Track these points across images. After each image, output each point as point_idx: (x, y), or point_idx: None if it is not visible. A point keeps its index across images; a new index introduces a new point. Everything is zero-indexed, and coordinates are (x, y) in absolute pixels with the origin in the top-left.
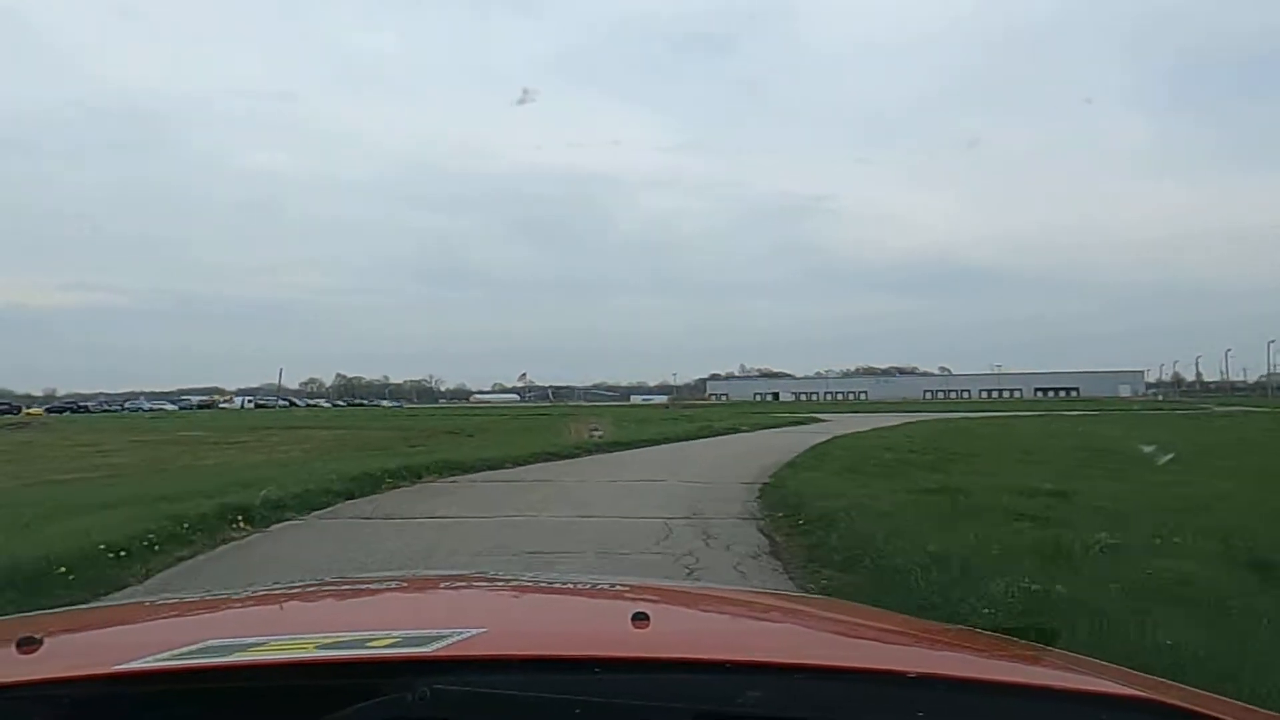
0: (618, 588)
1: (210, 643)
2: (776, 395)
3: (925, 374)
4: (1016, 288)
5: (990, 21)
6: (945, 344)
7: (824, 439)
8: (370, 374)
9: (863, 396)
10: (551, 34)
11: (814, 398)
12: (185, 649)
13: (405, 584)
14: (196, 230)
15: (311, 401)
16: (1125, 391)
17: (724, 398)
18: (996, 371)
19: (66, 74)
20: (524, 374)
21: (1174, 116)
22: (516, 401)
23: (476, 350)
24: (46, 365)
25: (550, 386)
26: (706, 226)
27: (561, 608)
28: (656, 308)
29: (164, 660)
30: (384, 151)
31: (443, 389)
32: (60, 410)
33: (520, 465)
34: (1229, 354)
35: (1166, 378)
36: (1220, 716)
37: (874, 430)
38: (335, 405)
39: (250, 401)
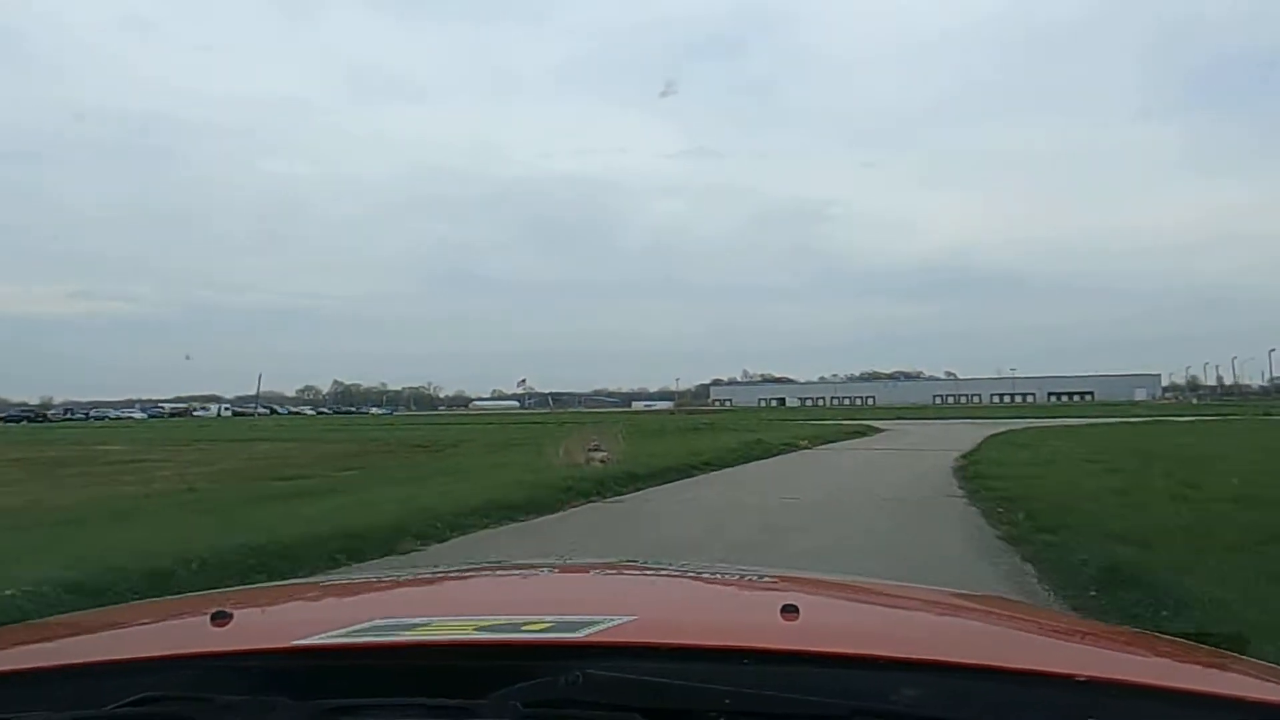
0: (766, 579)
1: (378, 621)
2: (783, 401)
3: (932, 378)
4: (1022, 293)
5: (1003, 24)
6: (950, 349)
7: (944, 458)
8: (368, 380)
9: (870, 401)
10: (559, 40)
11: (819, 403)
12: (356, 627)
13: (557, 570)
14: (203, 238)
15: (296, 409)
16: (1141, 395)
17: (728, 403)
18: (1009, 375)
19: (72, 82)
20: (523, 380)
21: (1183, 122)
22: (516, 408)
23: (477, 357)
24: (48, 373)
25: (550, 393)
26: (712, 232)
27: (711, 597)
28: (660, 313)
29: (338, 637)
30: (391, 158)
31: (441, 396)
32: (16, 419)
33: (448, 537)
34: (1235, 361)
35: (1181, 381)
36: None
37: (985, 443)
38: (320, 413)
39: (228, 409)
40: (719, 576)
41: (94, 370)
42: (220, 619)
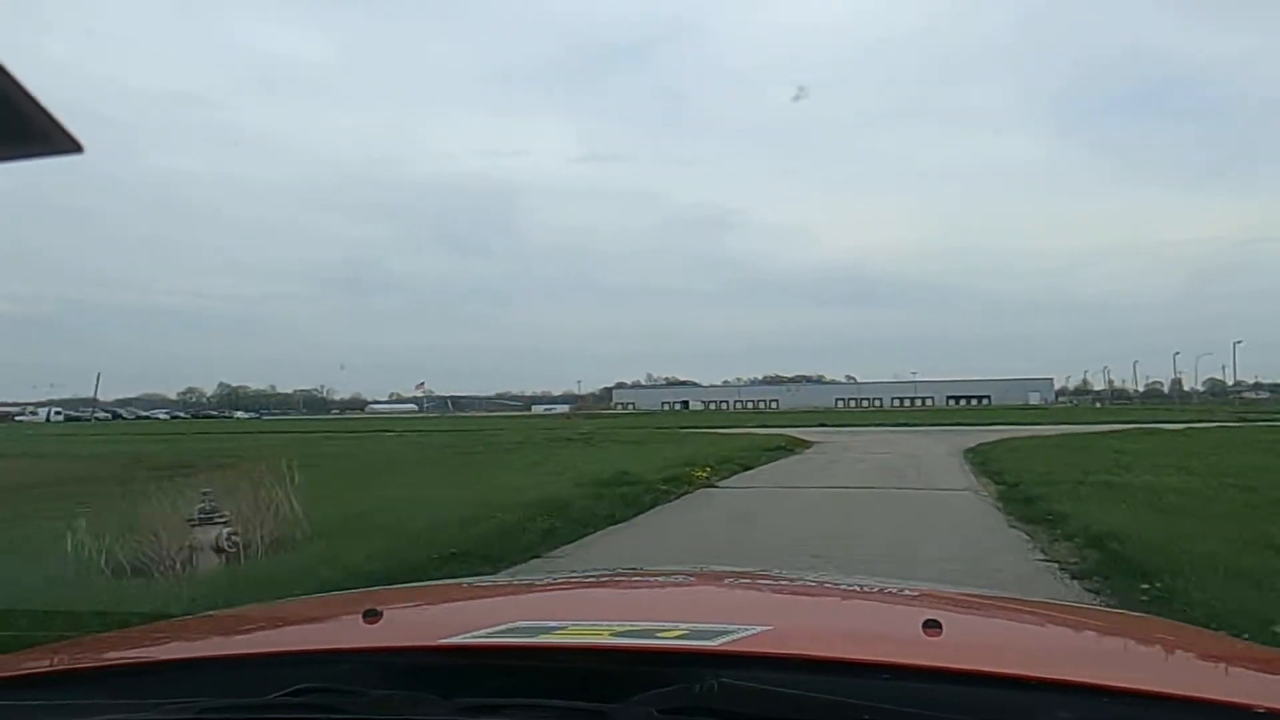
0: (907, 592)
1: (519, 624)
2: (686, 404)
3: (834, 382)
4: (921, 299)
5: (903, 46)
6: (851, 353)
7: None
8: (257, 383)
9: (774, 405)
10: (462, 40)
11: (724, 406)
12: (498, 628)
13: (693, 578)
14: (90, 234)
15: (147, 413)
16: (1035, 399)
17: (630, 406)
18: (909, 379)
19: None
20: (422, 383)
21: (1069, 138)
22: (415, 412)
23: (375, 359)
24: None
25: (450, 396)
26: (619, 236)
27: (849, 610)
28: (565, 316)
29: (480, 637)
30: (287, 156)
31: (336, 399)
32: None
33: None
34: (1136, 365)
35: (1072, 385)
36: None
37: (1013, 473)
38: (175, 417)
39: (59, 414)
40: (857, 589)
41: None
42: (371, 616)
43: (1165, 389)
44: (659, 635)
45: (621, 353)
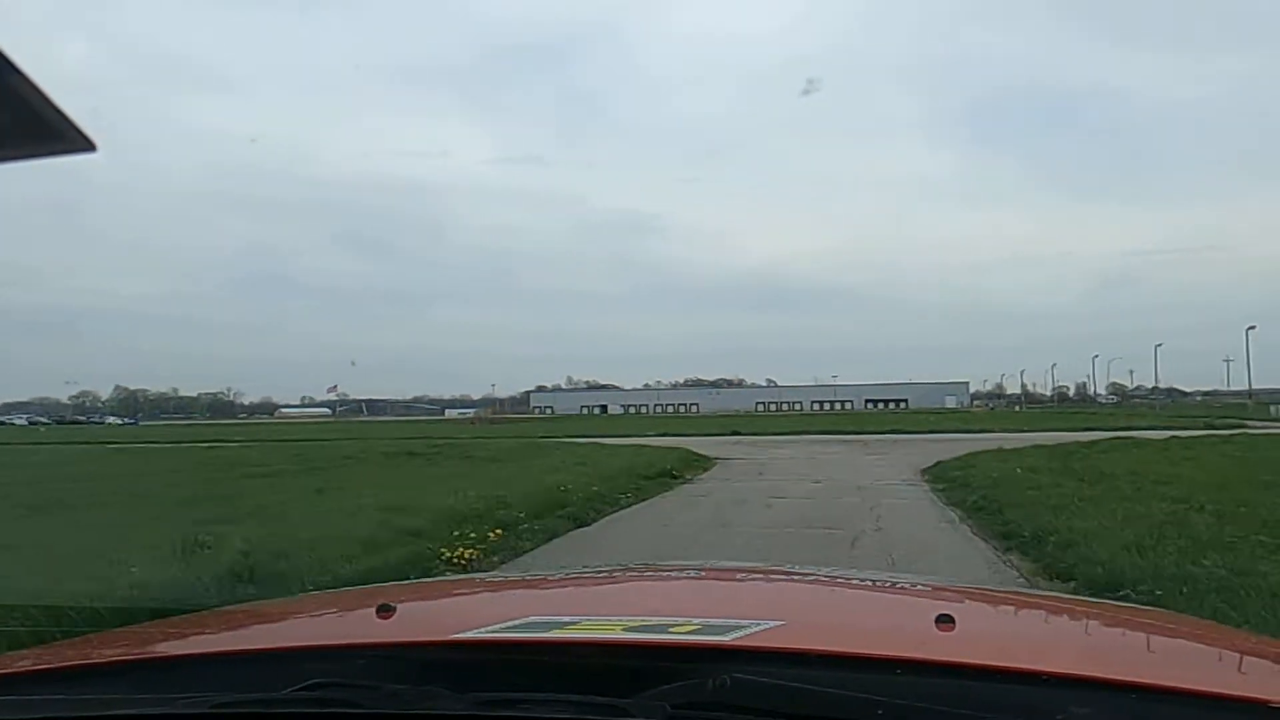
0: (919, 587)
1: (532, 619)
2: (604, 408)
3: (754, 386)
4: (841, 304)
5: (819, 58)
6: (771, 358)
7: None
8: (157, 385)
9: (694, 409)
10: (378, 39)
11: (643, 410)
12: (512, 623)
13: (705, 573)
14: None
15: (5, 418)
16: (951, 402)
17: (549, 410)
18: (829, 383)
19: None
20: (334, 386)
21: (977, 151)
22: (328, 416)
23: (287, 362)
24: None
25: (364, 400)
26: (539, 239)
27: (861, 605)
28: (483, 320)
29: (493, 632)
30: (194, 152)
31: (245, 402)
32: None
33: None
34: (1054, 368)
35: (988, 389)
36: None
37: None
38: (34, 424)
39: None
40: (870, 583)
41: None
42: (385, 611)
43: (1071, 393)
44: (672, 630)
45: (542, 356)
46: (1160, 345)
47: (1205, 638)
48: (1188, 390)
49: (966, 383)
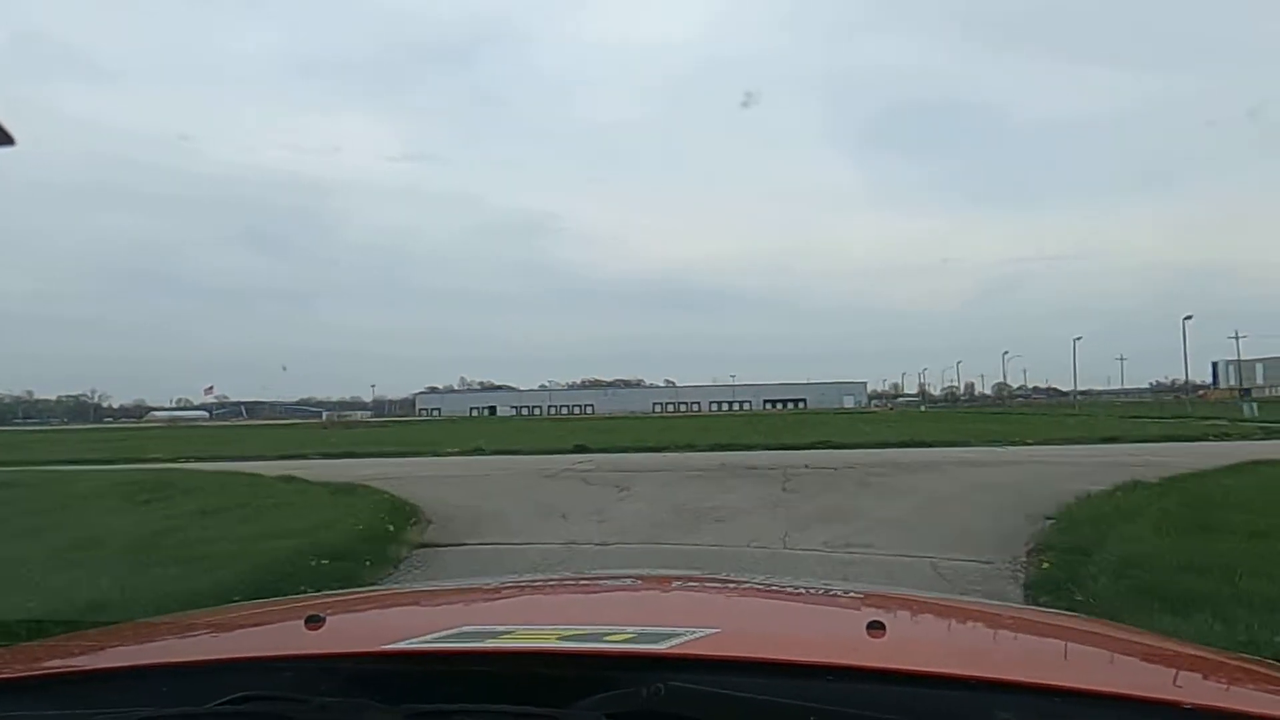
0: (852, 595)
1: (465, 629)
2: (494, 410)
3: (652, 386)
4: (736, 308)
5: (722, 63)
6: (670, 359)
7: None
8: (11, 389)
9: (589, 410)
10: (269, 31)
11: (537, 411)
12: (444, 633)
13: (640, 581)
14: None
15: None
16: (849, 402)
17: (436, 412)
18: (728, 383)
19: None
20: (211, 387)
21: (870, 161)
22: (205, 419)
23: (160, 363)
24: None
25: (243, 402)
26: (435, 238)
27: (795, 612)
28: (377, 321)
29: (426, 643)
30: (65, 143)
31: (112, 405)
32: None
33: None
34: (959, 365)
35: (884, 389)
36: None
37: None
38: None
39: None
40: (804, 591)
41: None
42: (314, 623)
43: (960, 393)
44: (607, 639)
45: (438, 357)
46: (1079, 339)
47: (1129, 643)
48: (1064, 390)
49: (864, 383)
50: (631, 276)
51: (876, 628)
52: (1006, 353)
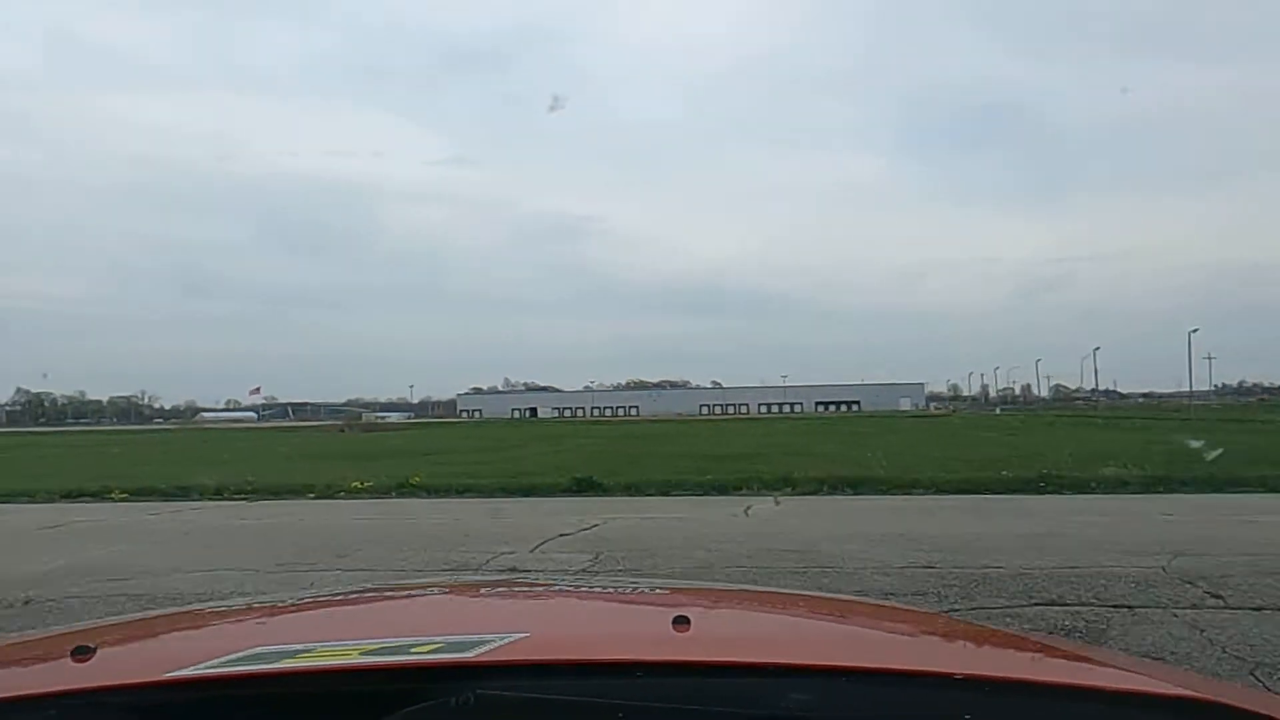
0: (658, 591)
1: (259, 649)
2: (534, 411)
3: (698, 388)
4: (783, 308)
5: (759, 65)
6: (716, 361)
7: None
8: (65, 389)
9: (634, 412)
10: (311, 37)
11: (580, 413)
12: (235, 655)
13: (446, 590)
14: None
15: None
16: (906, 404)
17: (477, 414)
18: (779, 384)
19: None
20: (257, 389)
21: (911, 161)
22: (253, 420)
23: (210, 365)
24: None
25: (289, 404)
26: (474, 242)
27: (602, 612)
28: (418, 323)
29: (215, 667)
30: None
31: (163, 407)
32: None
33: None
34: (998, 370)
35: (940, 390)
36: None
37: None
38: None
39: None
40: (611, 591)
41: None
42: (82, 654)
43: (1017, 393)
44: (412, 651)
45: (481, 358)
46: (1098, 349)
47: (911, 623)
48: (1125, 392)
49: (922, 384)
50: (675, 277)
51: (682, 622)
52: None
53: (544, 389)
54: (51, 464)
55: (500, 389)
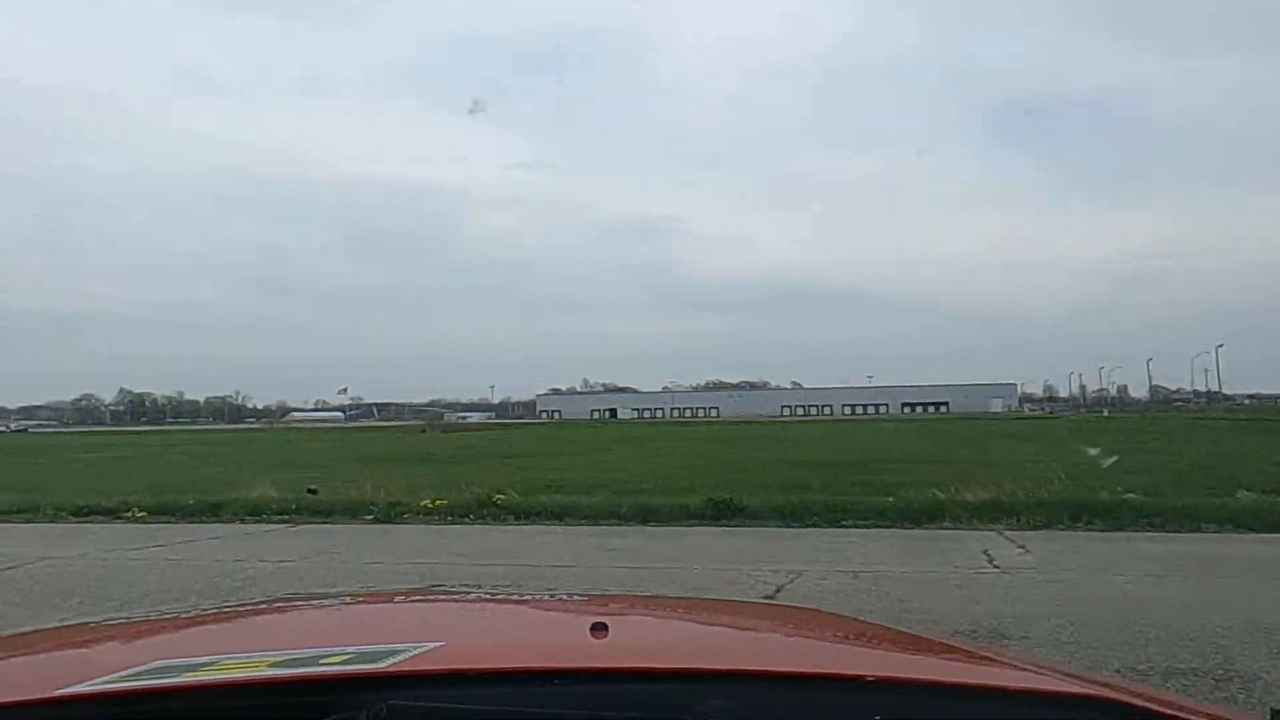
0: (576, 598)
1: (158, 664)
2: (614, 412)
3: (779, 388)
4: (865, 307)
5: (840, 59)
6: (796, 360)
7: None
8: (164, 389)
9: (714, 413)
10: (385, 44)
11: (659, 414)
12: (132, 670)
13: (360, 600)
14: None
15: None
16: (998, 406)
17: (556, 414)
18: (862, 385)
19: None
20: (345, 389)
21: (998, 155)
22: (340, 420)
23: (300, 366)
24: None
25: (374, 404)
26: (552, 243)
27: (520, 620)
28: (498, 324)
29: (110, 683)
30: (201, 157)
31: (256, 406)
32: None
33: None
34: (1102, 371)
35: (1032, 391)
36: (1173, 713)
37: None
38: None
39: None
40: (529, 598)
41: None
42: None
43: (1113, 394)
44: (322, 662)
45: (559, 358)
46: (1221, 346)
47: (827, 628)
48: (1230, 393)
49: (1015, 384)
50: (753, 276)
51: (600, 628)
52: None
53: (622, 390)
54: (101, 469)
55: (578, 389)
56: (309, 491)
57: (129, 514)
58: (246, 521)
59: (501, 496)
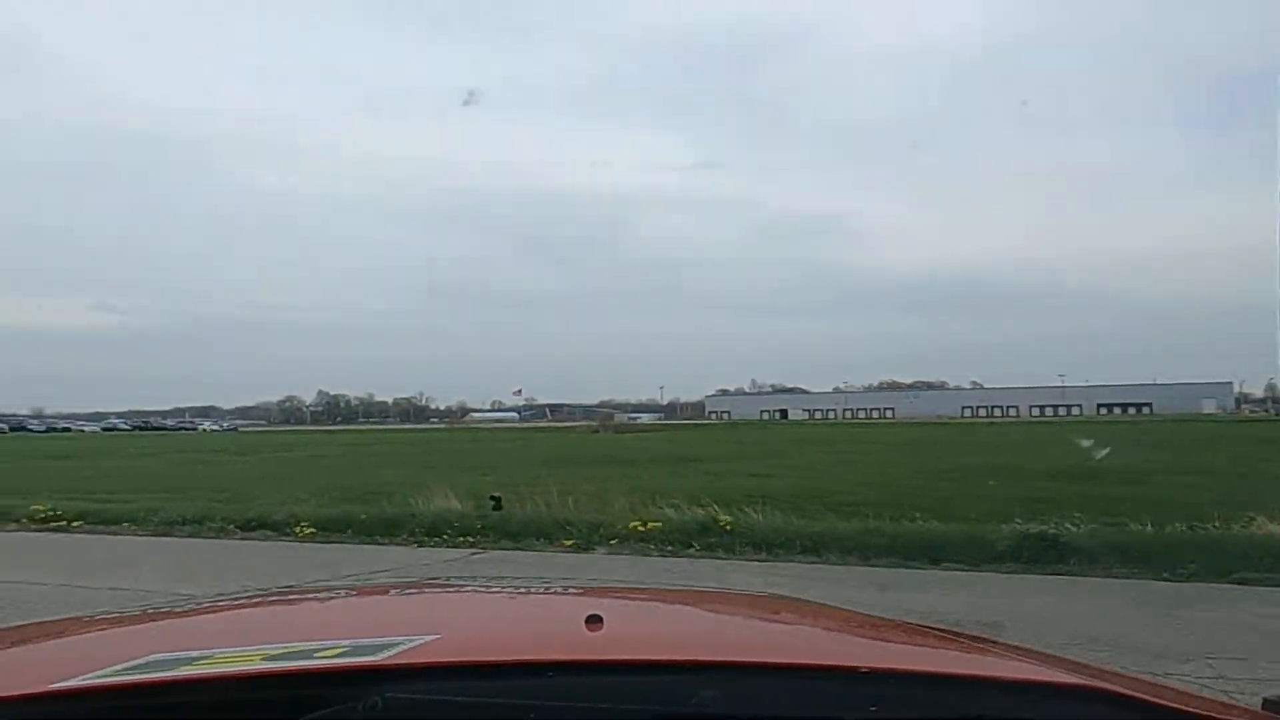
0: (571, 590)
1: (154, 657)
2: (785, 413)
3: (957, 389)
4: (1046, 303)
5: (1020, 46)
6: (975, 359)
7: None
8: (356, 391)
9: (889, 414)
10: (558, 53)
11: (831, 415)
12: (128, 664)
13: (356, 592)
14: (198, 251)
15: (83, 426)
16: (1210, 407)
17: (726, 415)
18: (1054, 384)
19: (83, 97)
20: (519, 390)
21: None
22: (515, 420)
23: (477, 368)
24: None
25: (548, 404)
26: (721, 244)
27: (515, 612)
28: (666, 325)
29: (106, 677)
30: (392, 172)
31: (438, 407)
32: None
33: None
34: None
35: (1257, 391)
36: (1168, 703)
37: None
38: (109, 429)
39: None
40: (524, 590)
41: (92, 382)
42: None
43: None
44: (319, 655)
45: (728, 359)
46: None
47: (820, 619)
48: None
49: (1230, 383)
50: (927, 273)
51: (595, 620)
52: None
53: (791, 390)
54: (294, 468)
55: (747, 390)
56: (492, 501)
57: (297, 529)
58: (425, 544)
59: (728, 520)
